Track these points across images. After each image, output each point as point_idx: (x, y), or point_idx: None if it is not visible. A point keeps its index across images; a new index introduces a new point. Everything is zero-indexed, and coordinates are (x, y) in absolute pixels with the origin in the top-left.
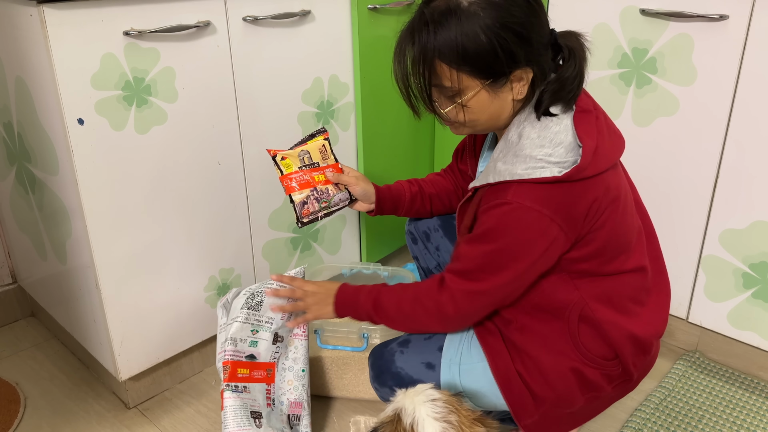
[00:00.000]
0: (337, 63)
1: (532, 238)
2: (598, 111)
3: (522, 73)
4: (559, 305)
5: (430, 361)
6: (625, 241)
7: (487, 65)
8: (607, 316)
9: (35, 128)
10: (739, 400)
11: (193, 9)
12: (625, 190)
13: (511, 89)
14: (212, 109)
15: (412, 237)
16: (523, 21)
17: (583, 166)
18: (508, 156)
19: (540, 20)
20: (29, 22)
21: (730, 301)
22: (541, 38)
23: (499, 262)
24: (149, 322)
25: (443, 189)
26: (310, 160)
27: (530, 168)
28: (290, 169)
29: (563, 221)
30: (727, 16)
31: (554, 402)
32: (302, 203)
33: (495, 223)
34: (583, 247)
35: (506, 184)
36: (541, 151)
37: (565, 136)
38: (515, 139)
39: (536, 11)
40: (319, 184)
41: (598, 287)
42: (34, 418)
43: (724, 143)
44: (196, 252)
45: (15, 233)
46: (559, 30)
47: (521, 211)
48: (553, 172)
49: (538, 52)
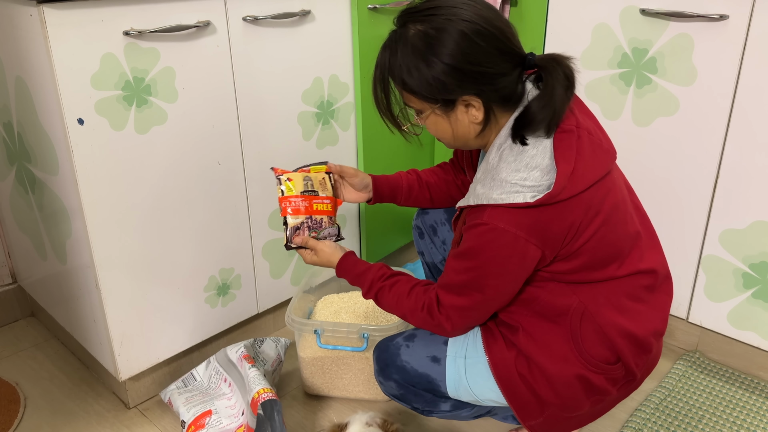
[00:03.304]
0: (337, 63)
1: (508, 256)
2: (581, 129)
3: (470, 99)
4: (560, 311)
5: (435, 354)
6: (616, 250)
7: (425, 92)
8: (607, 318)
9: (35, 128)
10: (739, 400)
11: (193, 9)
12: (615, 201)
13: (466, 113)
14: (212, 109)
15: (419, 231)
16: (459, 53)
17: (555, 192)
18: (486, 179)
19: (487, 50)
20: (29, 22)
21: (730, 301)
22: (492, 69)
23: (480, 278)
24: (149, 322)
25: (441, 178)
26: (312, 188)
27: (505, 193)
28: (292, 192)
29: (538, 240)
30: (727, 16)
31: (560, 407)
32: (295, 228)
33: (473, 243)
34: (571, 261)
35: (483, 205)
36: (517, 176)
37: (541, 159)
38: (495, 162)
39: (485, 42)
40: (315, 214)
41: (595, 290)
42: (34, 418)
43: (724, 143)
44: (196, 252)
45: (15, 233)
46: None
47: (496, 232)
48: (525, 198)
49: (481, 81)
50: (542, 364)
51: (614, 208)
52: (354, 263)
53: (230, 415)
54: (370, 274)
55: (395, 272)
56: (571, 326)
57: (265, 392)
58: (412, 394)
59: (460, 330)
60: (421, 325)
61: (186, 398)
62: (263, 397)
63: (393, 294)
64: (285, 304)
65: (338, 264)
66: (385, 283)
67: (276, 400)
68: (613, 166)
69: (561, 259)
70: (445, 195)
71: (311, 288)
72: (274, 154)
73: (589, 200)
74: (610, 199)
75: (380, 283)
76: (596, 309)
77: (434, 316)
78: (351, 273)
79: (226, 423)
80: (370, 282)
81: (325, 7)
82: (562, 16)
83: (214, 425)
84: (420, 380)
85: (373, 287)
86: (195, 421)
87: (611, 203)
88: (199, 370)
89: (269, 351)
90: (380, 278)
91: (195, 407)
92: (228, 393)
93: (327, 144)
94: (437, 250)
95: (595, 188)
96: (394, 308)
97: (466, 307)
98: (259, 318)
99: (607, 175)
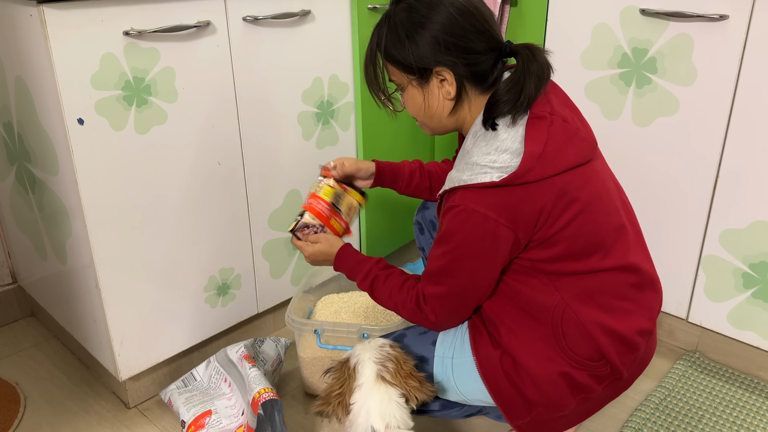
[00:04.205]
0: (337, 63)
1: (480, 237)
2: (555, 116)
3: (443, 71)
4: (542, 308)
5: (423, 354)
6: (598, 240)
7: (402, 59)
8: (590, 316)
9: (35, 128)
10: (739, 400)
11: (193, 9)
12: (596, 191)
13: (440, 88)
14: (212, 109)
15: (420, 227)
16: (439, 23)
17: (521, 172)
18: (460, 164)
19: (465, 26)
20: (29, 22)
21: (730, 301)
22: (467, 43)
23: (455, 261)
24: (149, 322)
25: (443, 169)
26: (339, 206)
27: (474, 174)
28: (325, 197)
29: (508, 221)
30: (727, 16)
31: (546, 405)
32: (305, 225)
33: (447, 226)
34: (549, 248)
35: (455, 189)
36: (486, 158)
37: (512, 143)
38: (469, 147)
39: (465, 19)
40: (328, 227)
41: (578, 286)
42: (34, 418)
43: (724, 143)
44: (196, 252)
45: (15, 233)
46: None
47: (467, 213)
48: (492, 178)
49: (455, 54)
50: (526, 362)
51: (595, 197)
52: (353, 253)
53: (230, 415)
54: (368, 263)
55: (390, 265)
56: (552, 323)
57: (266, 392)
58: None
59: (445, 321)
60: (410, 318)
61: (186, 398)
62: (264, 397)
63: (387, 286)
64: (285, 304)
65: (338, 252)
66: (381, 272)
67: (277, 400)
68: (594, 157)
69: (537, 245)
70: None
71: (311, 288)
72: (274, 154)
73: (563, 186)
74: (590, 188)
75: (376, 272)
76: (578, 306)
77: (422, 308)
78: (349, 261)
79: (226, 423)
80: (368, 270)
81: (325, 7)
82: (562, 16)
83: (214, 425)
84: None
85: (369, 275)
86: (195, 421)
87: (591, 192)
88: (199, 370)
89: (269, 351)
90: (377, 267)
91: (195, 407)
92: (228, 393)
93: (327, 144)
94: None
95: (571, 174)
96: (387, 300)
97: (445, 295)
98: (259, 318)
99: (587, 164)
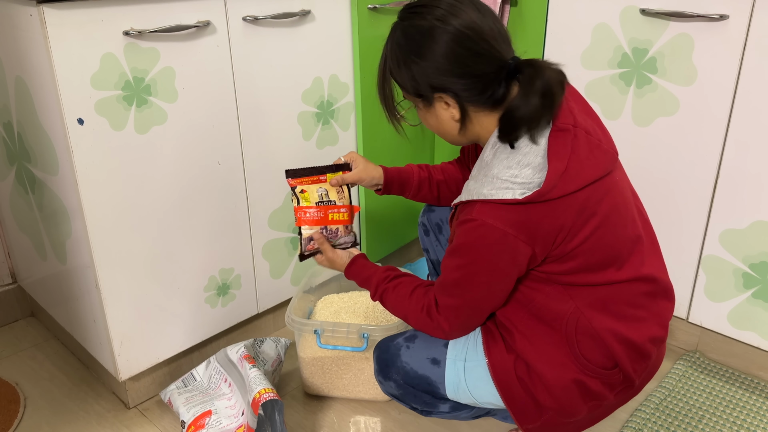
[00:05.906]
0: (337, 63)
1: (498, 253)
2: (578, 129)
3: (445, 97)
4: (556, 316)
5: (435, 356)
6: (614, 253)
7: (406, 87)
8: (604, 324)
9: (35, 128)
10: (739, 400)
11: (193, 9)
12: (614, 203)
13: (445, 110)
14: (212, 109)
15: (425, 229)
16: (434, 55)
17: (545, 190)
18: (479, 175)
19: (465, 55)
20: (29, 22)
21: (730, 301)
22: (465, 69)
23: (472, 275)
24: (149, 322)
25: (452, 177)
26: (327, 198)
27: (495, 189)
28: (308, 202)
29: (528, 238)
30: (727, 16)
31: (558, 411)
32: (309, 239)
33: (464, 239)
34: (566, 262)
35: (473, 201)
36: (508, 172)
37: (534, 157)
38: (489, 159)
39: (465, 47)
40: (330, 224)
41: (593, 295)
42: (34, 418)
43: (725, 143)
44: (196, 252)
45: (15, 233)
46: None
47: (485, 228)
48: (515, 194)
49: (455, 82)
50: (540, 369)
51: (613, 210)
52: (362, 267)
53: (230, 415)
54: (375, 277)
55: (400, 273)
56: (566, 330)
57: (267, 392)
58: (412, 395)
59: (458, 331)
60: (421, 327)
61: (186, 398)
62: (264, 397)
63: (395, 296)
64: (285, 304)
65: (346, 268)
66: (389, 285)
67: (277, 400)
68: (614, 168)
69: (555, 260)
70: (454, 195)
71: (311, 288)
72: (274, 154)
73: (583, 201)
74: (609, 201)
75: (384, 285)
76: (592, 314)
77: (433, 318)
78: (359, 277)
79: (226, 423)
80: (375, 285)
81: (325, 7)
82: (562, 16)
83: (214, 425)
84: (419, 382)
85: (378, 290)
86: (195, 421)
87: (610, 205)
88: (199, 370)
89: (269, 351)
90: (384, 280)
91: (195, 407)
92: (228, 393)
93: (327, 144)
94: (442, 248)
95: (591, 189)
96: (397, 310)
97: (460, 306)
98: (259, 318)
99: (607, 176)
